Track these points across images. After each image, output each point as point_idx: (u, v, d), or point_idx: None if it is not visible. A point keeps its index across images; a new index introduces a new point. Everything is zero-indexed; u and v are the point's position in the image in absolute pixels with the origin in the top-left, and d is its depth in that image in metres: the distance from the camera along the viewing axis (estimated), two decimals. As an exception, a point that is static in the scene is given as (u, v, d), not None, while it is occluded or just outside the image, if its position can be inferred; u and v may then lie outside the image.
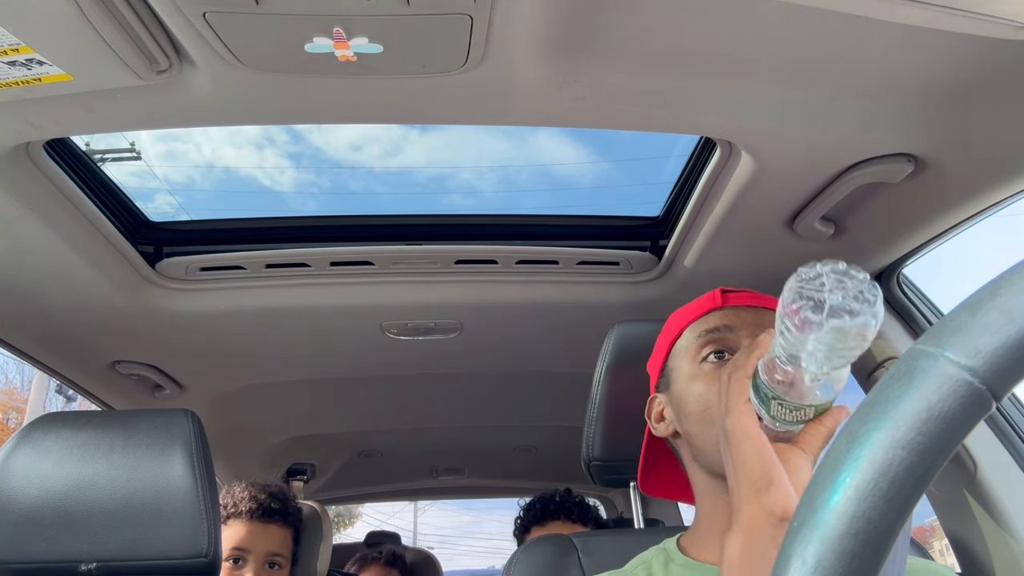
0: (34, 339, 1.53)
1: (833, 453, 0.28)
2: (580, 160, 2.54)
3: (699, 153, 1.23)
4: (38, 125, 0.95)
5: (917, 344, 0.28)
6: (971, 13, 0.73)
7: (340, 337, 1.66)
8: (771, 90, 0.93)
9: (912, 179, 1.08)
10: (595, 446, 1.10)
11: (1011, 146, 0.98)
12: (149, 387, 1.84)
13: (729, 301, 0.89)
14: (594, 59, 0.88)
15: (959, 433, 0.26)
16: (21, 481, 1.04)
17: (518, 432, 2.52)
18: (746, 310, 0.87)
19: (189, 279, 1.44)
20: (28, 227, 1.15)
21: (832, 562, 0.26)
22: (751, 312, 0.86)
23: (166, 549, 1.02)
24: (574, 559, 0.97)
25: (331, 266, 1.44)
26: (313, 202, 4.15)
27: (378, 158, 4.28)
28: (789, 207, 1.21)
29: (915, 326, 1.37)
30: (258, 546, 1.51)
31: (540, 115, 0.98)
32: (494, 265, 1.45)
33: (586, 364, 1.22)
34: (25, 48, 0.76)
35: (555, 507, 1.94)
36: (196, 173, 3.05)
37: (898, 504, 0.26)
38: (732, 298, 0.89)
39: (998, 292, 0.27)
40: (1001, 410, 1.24)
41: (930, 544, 1.36)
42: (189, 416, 1.11)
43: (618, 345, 1.11)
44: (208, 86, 0.88)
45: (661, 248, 1.45)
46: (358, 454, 2.74)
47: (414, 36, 0.79)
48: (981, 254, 16.81)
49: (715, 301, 0.90)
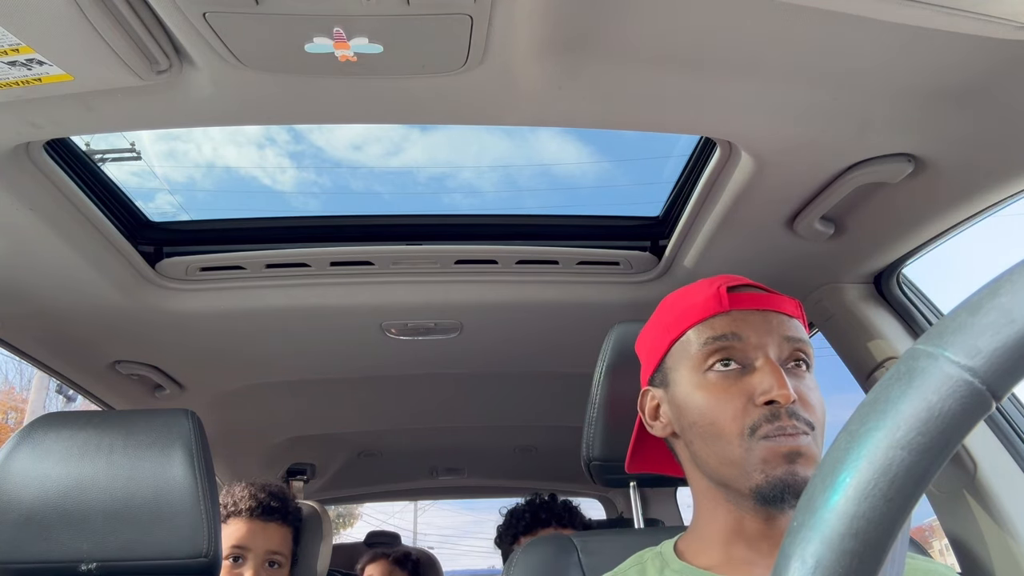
0: (34, 339, 1.53)
1: (833, 453, 0.28)
2: (580, 160, 2.54)
3: (699, 153, 1.23)
4: (38, 125, 0.95)
5: (917, 344, 0.28)
6: (971, 13, 0.73)
7: (340, 337, 1.66)
8: (771, 90, 0.93)
9: (912, 179, 1.08)
10: (595, 446, 1.10)
11: (1011, 146, 0.98)
12: (149, 387, 1.84)
13: (736, 304, 0.84)
14: (594, 59, 0.88)
15: (959, 433, 0.26)
16: (21, 481, 1.04)
17: (518, 432, 2.52)
18: (754, 315, 0.83)
19: (189, 279, 1.44)
20: (28, 227, 1.15)
21: (832, 562, 0.26)
22: (760, 317, 0.83)
23: (166, 549, 1.02)
24: (574, 559, 0.97)
25: (331, 266, 1.44)
26: (314, 201, 4.15)
27: (379, 157, 4.28)
28: (789, 207, 1.21)
29: (915, 326, 1.38)
30: (258, 544, 1.51)
31: (540, 115, 0.98)
32: (494, 265, 1.45)
33: (586, 364, 1.22)
34: (25, 48, 0.76)
35: (547, 515, 1.93)
36: (196, 173, 3.06)
37: (898, 504, 0.26)
38: (737, 299, 0.85)
39: (998, 292, 0.27)
40: (1001, 410, 1.24)
41: (930, 544, 1.36)
42: (189, 416, 1.11)
43: (618, 345, 1.11)
44: (208, 86, 0.88)
45: (661, 248, 1.45)
46: (358, 454, 2.74)
47: (414, 36, 0.79)
48: (981, 254, 16.80)
49: (721, 304, 0.85)
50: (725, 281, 0.88)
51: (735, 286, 0.87)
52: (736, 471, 0.78)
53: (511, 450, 2.75)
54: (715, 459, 0.80)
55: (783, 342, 0.81)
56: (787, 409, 0.76)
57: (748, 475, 0.76)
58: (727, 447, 0.78)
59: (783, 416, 0.76)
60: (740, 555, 0.80)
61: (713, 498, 0.83)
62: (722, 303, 0.85)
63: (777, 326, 0.82)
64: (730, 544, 0.81)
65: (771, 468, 0.75)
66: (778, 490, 0.75)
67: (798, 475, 0.74)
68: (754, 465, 0.76)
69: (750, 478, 0.76)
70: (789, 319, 0.84)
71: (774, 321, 0.83)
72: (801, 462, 0.75)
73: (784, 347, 0.81)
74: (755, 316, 0.83)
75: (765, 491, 0.75)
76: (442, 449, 2.74)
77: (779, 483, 0.74)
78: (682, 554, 0.85)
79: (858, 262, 1.36)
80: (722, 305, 0.84)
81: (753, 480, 0.76)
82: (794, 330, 0.83)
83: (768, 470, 0.75)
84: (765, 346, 0.81)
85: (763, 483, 0.75)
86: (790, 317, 0.84)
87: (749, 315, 0.83)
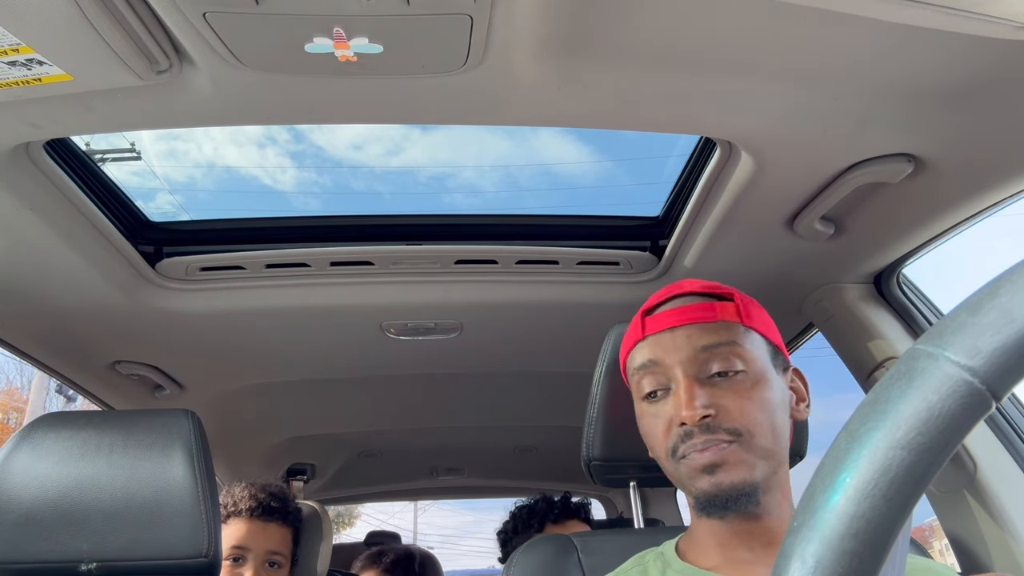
0: (34, 339, 1.53)
1: (833, 453, 0.28)
2: (580, 160, 2.54)
3: (699, 153, 1.23)
4: (38, 125, 0.95)
5: (917, 344, 0.28)
6: (971, 13, 0.73)
7: (340, 337, 1.66)
8: (771, 90, 0.93)
9: (912, 179, 1.08)
10: (595, 446, 1.10)
11: (1011, 146, 0.98)
12: (149, 387, 1.84)
13: (648, 328, 0.87)
14: (594, 59, 0.88)
15: (959, 433, 0.26)
16: (21, 481, 1.04)
17: (518, 432, 2.52)
18: (666, 335, 0.84)
19: (189, 279, 1.44)
20: (28, 227, 1.15)
21: (832, 562, 0.26)
22: (670, 336, 0.84)
23: (166, 549, 1.02)
24: (574, 559, 0.97)
25: (331, 266, 1.44)
26: (314, 201, 4.16)
27: (379, 157, 4.28)
28: (789, 207, 1.21)
29: (915, 326, 1.37)
30: (258, 544, 1.51)
31: (540, 115, 0.98)
32: (494, 265, 1.45)
33: (586, 364, 1.22)
34: (25, 48, 0.76)
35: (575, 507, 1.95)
36: (196, 172, 3.06)
37: (898, 504, 0.26)
38: (651, 323, 0.87)
39: (998, 292, 0.27)
40: (1001, 410, 1.24)
41: (930, 544, 1.36)
42: (189, 416, 1.11)
43: (618, 345, 1.11)
44: (208, 86, 0.88)
45: (661, 248, 1.45)
46: (358, 454, 2.74)
47: (414, 36, 0.79)
48: (981, 254, 16.81)
49: (637, 331, 0.88)
50: (655, 298, 0.90)
51: (654, 306, 0.89)
52: (680, 487, 0.83)
53: (511, 450, 2.75)
54: (669, 476, 0.85)
55: (697, 355, 0.82)
56: (700, 425, 0.78)
57: (686, 490, 0.82)
58: (666, 467, 0.84)
59: (695, 434, 0.79)
60: (739, 555, 0.81)
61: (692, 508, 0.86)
62: (637, 330, 0.89)
63: (687, 340, 0.83)
64: (726, 546, 0.82)
65: (695, 483, 0.79)
66: (709, 500, 0.79)
67: (722, 484, 0.77)
68: (683, 483, 0.81)
69: (688, 493, 0.82)
70: (704, 326, 0.84)
71: (683, 337, 0.83)
72: (721, 471, 0.78)
73: (699, 359, 0.82)
74: (667, 336, 0.85)
75: (702, 502, 0.80)
76: (442, 449, 2.74)
77: (705, 495, 0.79)
78: (684, 554, 0.86)
79: (858, 262, 1.36)
80: (638, 333, 0.89)
81: (690, 494, 0.82)
82: (709, 337, 0.83)
83: (694, 485, 0.80)
84: (679, 364, 0.82)
85: (696, 495, 0.80)
86: (706, 323, 0.84)
87: (662, 337, 0.85)
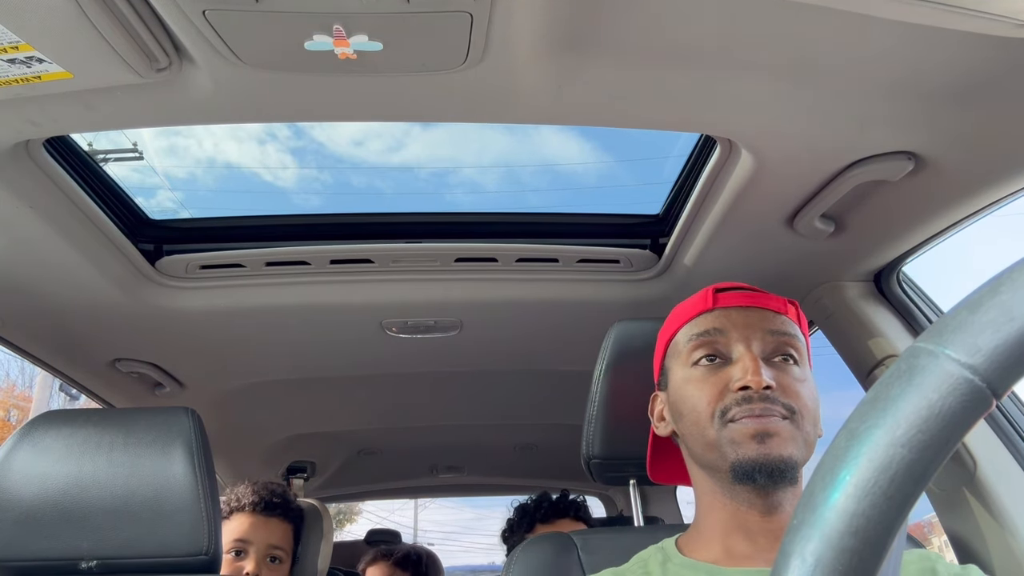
0: (34, 337, 1.53)
1: (833, 451, 0.28)
2: (581, 158, 2.54)
3: (699, 151, 1.23)
4: (38, 123, 0.95)
5: (917, 342, 0.28)
6: (972, 11, 0.73)
7: (340, 335, 1.66)
8: (771, 88, 0.93)
9: (912, 177, 1.08)
10: (595, 444, 1.10)
11: (1011, 144, 0.98)
12: (149, 385, 1.84)
13: (720, 302, 0.90)
14: (594, 57, 0.88)
15: (959, 431, 0.26)
16: (22, 479, 1.04)
17: (518, 430, 2.52)
18: (737, 311, 0.88)
19: (189, 277, 1.44)
20: (28, 225, 1.15)
21: (831, 560, 0.26)
22: (743, 313, 0.88)
23: (166, 546, 1.02)
24: (574, 557, 0.97)
25: (331, 264, 1.44)
26: (314, 199, 4.16)
27: (379, 154, 4.28)
28: (789, 205, 1.21)
29: (915, 324, 1.37)
30: (260, 538, 1.52)
31: (540, 113, 0.98)
32: (494, 263, 1.45)
33: (586, 362, 1.22)
34: (25, 46, 0.76)
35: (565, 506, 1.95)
36: (197, 170, 3.06)
37: (898, 502, 0.26)
38: (723, 298, 0.90)
39: (999, 290, 0.27)
40: (1001, 408, 1.24)
41: (929, 541, 1.36)
42: (189, 414, 1.11)
43: (618, 343, 1.11)
44: (208, 84, 0.88)
45: (661, 246, 1.45)
46: (358, 452, 2.74)
47: (414, 34, 0.79)
48: (982, 252, 16.83)
49: (707, 302, 0.91)
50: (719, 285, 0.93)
51: (725, 288, 0.92)
52: (715, 454, 0.82)
53: (511, 448, 2.75)
54: (699, 445, 0.84)
55: (766, 336, 0.86)
56: (760, 394, 0.80)
57: (724, 455, 0.81)
58: (706, 430, 0.83)
59: (755, 400, 0.80)
60: (739, 549, 0.81)
61: (711, 492, 0.85)
62: (707, 302, 0.90)
63: (759, 321, 0.87)
64: (729, 538, 0.83)
65: (739, 448, 0.79)
66: (748, 467, 0.78)
67: (771, 454, 0.77)
68: (722, 447, 0.80)
69: (725, 458, 0.81)
70: (775, 315, 0.88)
71: (757, 317, 0.87)
72: (773, 442, 0.78)
73: (767, 341, 0.85)
74: (738, 312, 0.88)
75: (736, 469, 0.79)
76: (442, 447, 2.74)
77: (748, 462, 0.78)
78: (684, 550, 0.87)
79: (858, 260, 1.36)
80: (707, 304, 0.90)
81: (728, 459, 0.80)
82: (779, 325, 0.87)
83: (738, 450, 0.79)
84: (746, 339, 0.85)
85: (735, 461, 0.79)
86: (776, 313, 0.88)
87: (733, 312, 0.88)
